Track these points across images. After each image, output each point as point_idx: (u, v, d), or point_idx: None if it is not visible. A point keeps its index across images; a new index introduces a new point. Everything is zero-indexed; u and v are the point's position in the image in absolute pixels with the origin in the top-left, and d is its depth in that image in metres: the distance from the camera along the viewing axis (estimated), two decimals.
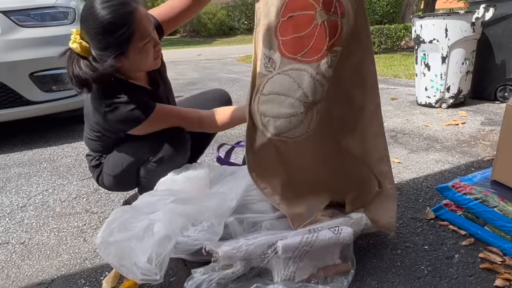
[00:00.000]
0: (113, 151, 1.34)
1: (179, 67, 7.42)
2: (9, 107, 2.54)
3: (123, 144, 1.31)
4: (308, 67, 1.07)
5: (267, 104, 1.10)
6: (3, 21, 2.45)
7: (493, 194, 1.20)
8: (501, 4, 2.88)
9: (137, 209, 1.07)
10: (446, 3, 20.13)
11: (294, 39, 1.07)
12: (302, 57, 1.08)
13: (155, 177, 1.26)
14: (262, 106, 1.10)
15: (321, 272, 1.03)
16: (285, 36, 1.08)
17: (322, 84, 1.09)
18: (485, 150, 2.04)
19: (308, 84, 1.08)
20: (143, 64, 1.22)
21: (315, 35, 1.07)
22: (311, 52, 1.08)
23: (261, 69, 1.10)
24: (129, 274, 0.96)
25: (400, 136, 2.36)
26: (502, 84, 3.02)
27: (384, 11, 8.78)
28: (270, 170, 1.16)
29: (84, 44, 1.15)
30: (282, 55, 1.08)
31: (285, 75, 1.08)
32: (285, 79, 1.08)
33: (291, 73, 1.08)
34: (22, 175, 2.10)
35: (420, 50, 3.02)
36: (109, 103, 1.17)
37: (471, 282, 1.04)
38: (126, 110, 1.18)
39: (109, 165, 1.34)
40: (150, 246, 0.96)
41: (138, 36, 1.12)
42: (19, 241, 1.41)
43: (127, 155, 1.30)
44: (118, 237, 0.98)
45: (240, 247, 0.99)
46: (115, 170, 1.32)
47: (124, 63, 1.17)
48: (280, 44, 1.08)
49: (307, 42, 1.07)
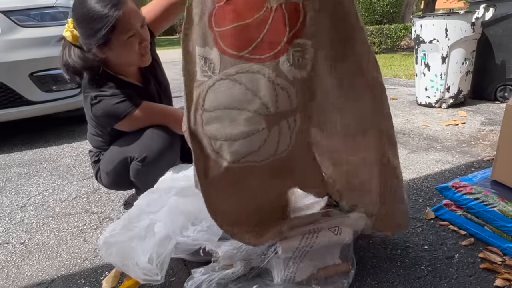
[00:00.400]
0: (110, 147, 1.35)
1: (178, 67, 7.40)
2: (9, 107, 2.54)
3: (117, 141, 1.32)
4: (262, 67, 0.81)
5: (214, 123, 0.83)
6: (3, 21, 2.45)
7: (493, 194, 1.20)
8: (501, 4, 2.87)
9: (140, 208, 1.06)
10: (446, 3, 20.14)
11: (236, 29, 0.80)
12: (250, 54, 0.81)
13: (144, 178, 1.25)
14: (208, 127, 0.83)
15: (321, 272, 1.03)
16: (223, 26, 0.80)
17: (286, 89, 0.83)
18: (485, 150, 2.04)
19: (266, 90, 0.82)
20: (128, 58, 1.22)
21: (267, 23, 0.79)
22: (263, 46, 0.81)
23: (198, 74, 0.83)
24: (132, 273, 0.97)
25: (400, 136, 2.36)
26: (502, 84, 3.02)
27: (384, 11, 8.78)
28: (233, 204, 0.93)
29: (75, 33, 1.18)
30: (221, 53, 0.81)
31: (232, 81, 0.81)
32: (233, 87, 0.81)
33: (240, 77, 0.81)
34: (22, 175, 2.10)
35: (420, 50, 3.02)
36: (95, 95, 1.20)
37: (471, 282, 1.04)
38: (111, 104, 1.20)
39: (104, 162, 1.36)
40: (151, 246, 0.96)
41: (121, 29, 1.14)
42: (19, 241, 1.41)
43: (117, 152, 1.30)
44: (120, 238, 0.99)
45: (240, 247, 0.99)
46: (108, 167, 1.33)
47: (108, 55, 1.19)
48: (216, 37, 0.81)
49: (256, 34, 0.80)
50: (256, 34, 0.80)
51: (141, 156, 1.23)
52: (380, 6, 8.70)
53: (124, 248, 0.97)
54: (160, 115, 1.28)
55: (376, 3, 8.68)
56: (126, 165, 1.29)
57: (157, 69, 1.42)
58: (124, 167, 1.29)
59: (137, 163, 1.25)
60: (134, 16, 1.16)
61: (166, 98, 1.47)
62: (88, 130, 1.41)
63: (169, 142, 1.26)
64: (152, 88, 1.39)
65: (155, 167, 1.24)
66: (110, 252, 0.98)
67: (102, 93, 1.21)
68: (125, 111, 1.21)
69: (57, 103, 2.68)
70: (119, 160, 1.29)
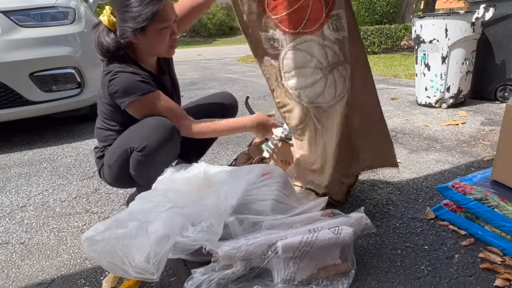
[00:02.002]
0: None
1: (179, 67, 7.42)
2: (9, 107, 2.54)
3: (121, 134, 1.34)
4: (313, 37, 1.20)
5: (292, 79, 1.26)
6: (3, 21, 2.45)
7: (493, 194, 1.20)
8: (501, 4, 2.88)
9: (131, 215, 1.05)
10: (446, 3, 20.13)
11: (289, 15, 1.17)
12: (303, 29, 1.19)
13: (144, 171, 1.27)
14: (289, 81, 1.26)
15: (321, 272, 1.03)
16: (279, 13, 1.18)
17: (332, 48, 1.21)
18: (485, 150, 2.04)
19: (318, 51, 1.21)
20: (158, 47, 1.32)
21: (309, 6, 1.17)
22: (310, 22, 1.18)
23: (269, 50, 1.23)
24: (119, 272, 0.96)
25: (400, 136, 2.36)
26: (502, 84, 3.02)
27: (384, 11, 8.77)
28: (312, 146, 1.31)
29: (112, 18, 1.29)
30: (284, 33, 1.19)
31: (296, 50, 1.21)
32: (298, 54, 1.21)
33: (300, 46, 1.21)
34: (22, 175, 2.10)
35: (420, 50, 3.02)
36: (116, 71, 1.27)
37: (471, 282, 1.04)
38: (131, 79, 1.26)
39: (107, 155, 1.37)
40: (148, 245, 0.95)
41: (159, 18, 1.24)
42: (19, 241, 1.41)
43: (120, 144, 1.32)
44: (106, 235, 0.98)
45: (240, 247, 0.99)
46: (110, 159, 1.34)
47: (140, 42, 1.28)
48: (276, 22, 1.19)
49: (303, 14, 1.17)
50: (304, 15, 1.17)
51: (141, 145, 1.24)
52: (380, 6, 8.68)
53: (111, 246, 0.96)
54: (170, 108, 1.32)
55: (376, 3, 8.67)
56: (127, 157, 1.30)
57: (171, 64, 1.52)
58: (125, 160, 1.30)
59: (137, 153, 1.25)
60: (171, 9, 1.28)
61: (176, 93, 1.53)
62: (96, 125, 1.43)
63: (170, 133, 1.27)
64: (167, 80, 1.47)
65: (154, 159, 1.25)
66: (94, 249, 0.97)
67: (124, 69, 1.27)
68: (143, 90, 1.26)
69: (57, 103, 2.68)
70: (120, 152, 1.30)
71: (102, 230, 0.99)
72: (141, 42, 1.28)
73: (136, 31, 1.24)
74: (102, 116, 1.39)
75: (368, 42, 7.55)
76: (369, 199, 1.54)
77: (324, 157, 1.30)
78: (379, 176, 1.77)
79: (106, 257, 0.97)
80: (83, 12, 2.91)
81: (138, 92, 1.26)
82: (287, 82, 1.26)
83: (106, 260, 0.97)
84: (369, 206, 1.49)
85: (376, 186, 1.67)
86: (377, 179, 1.72)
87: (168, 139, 1.26)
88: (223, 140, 2.49)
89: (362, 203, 1.50)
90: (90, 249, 0.98)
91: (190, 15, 1.43)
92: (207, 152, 1.84)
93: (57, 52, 2.58)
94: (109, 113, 1.35)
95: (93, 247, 0.97)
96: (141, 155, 1.25)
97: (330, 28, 1.20)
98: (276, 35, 1.21)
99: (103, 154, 1.40)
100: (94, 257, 1.01)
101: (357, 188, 1.63)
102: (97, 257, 0.98)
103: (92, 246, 0.98)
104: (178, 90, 1.56)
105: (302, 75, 1.23)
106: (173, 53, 1.39)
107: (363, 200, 1.54)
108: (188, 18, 1.44)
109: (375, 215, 1.42)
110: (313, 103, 1.26)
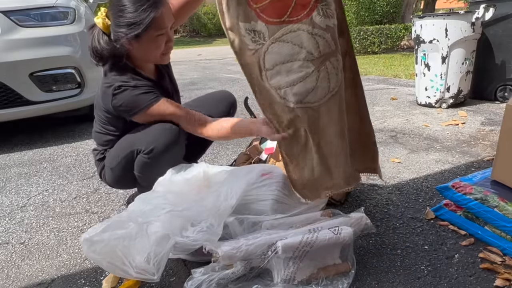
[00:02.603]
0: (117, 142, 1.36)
1: (179, 67, 7.42)
2: (9, 107, 2.54)
3: (124, 137, 1.33)
4: (300, 25, 1.04)
5: (276, 76, 1.08)
6: (3, 21, 2.45)
7: (493, 194, 1.20)
8: (501, 4, 2.87)
9: (130, 216, 1.05)
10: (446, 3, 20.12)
11: (272, 2, 1.02)
12: (289, 18, 1.04)
13: (149, 172, 1.26)
14: (272, 81, 1.08)
15: (321, 272, 1.03)
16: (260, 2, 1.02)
17: (323, 36, 1.06)
18: (485, 150, 2.04)
19: (308, 41, 1.05)
20: (152, 54, 1.28)
21: None
22: (297, 9, 1.04)
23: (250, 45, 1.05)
24: (119, 272, 0.96)
25: (400, 136, 2.36)
26: (502, 84, 3.02)
27: (384, 11, 8.75)
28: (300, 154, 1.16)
29: (107, 21, 1.25)
30: (266, 23, 1.04)
31: (281, 42, 1.05)
32: (283, 46, 1.05)
33: (286, 37, 1.04)
34: (22, 175, 2.10)
35: (420, 50, 3.02)
36: (119, 85, 1.24)
37: (471, 282, 1.04)
38: (134, 94, 1.24)
39: (109, 157, 1.37)
40: (148, 246, 0.95)
41: (155, 25, 1.20)
42: (19, 241, 1.41)
43: (124, 146, 1.32)
44: (105, 236, 0.98)
45: (240, 247, 0.99)
46: (112, 162, 1.34)
47: (134, 48, 1.25)
48: (258, 12, 1.03)
49: (289, 1, 1.03)
50: (289, 1, 1.02)
51: (148, 148, 1.24)
52: (380, 6, 8.67)
53: (111, 246, 0.96)
54: (175, 112, 1.31)
55: (376, 3, 8.65)
56: (132, 159, 1.30)
57: (169, 67, 1.50)
58: (129, 162, 1.30)
59: (143, 155, 1.26)
60: (168, 16, 1.23)
61: (176, 95, 1.52)
62: (94, 128, 1.42)
63: (176, 136, 1.28)
64: (167, 84, 1.45)
65: (160, 162, 1.25)
66: (93, 250, 0.98)
67: (125, 83, 1.25)
68: (148, 102, 1.25)
69: (57, 103, 2.68)
70: (125, 154, 1.30)
71: (100, 231, 0.99)
72: (135, 48, 1.25)
73: (129, 37, 1.20)
74: (100, 121, 1.38)
75: (368, 42, 7.54)
76: (369, 199, 1.54)
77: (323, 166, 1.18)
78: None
79: (106, 257, 0.97)
80: (83, 12, 2.91)
81: (143, 105, 1.25)
82: (270, 81, 1.08)
83: (106, 260, 0.97)
84: (369, 206, 1.49)
85: (376, 186, 1.67)
86: (377, 179, 1.72)
87: (174, 142, 1.27)
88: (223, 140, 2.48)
89: (362, 203, 1.51)
90: (89, 250, 0.98)
91: (180, 13, 1.36)
92: (207, 152, 1.84)
93: (57, 52, 2.58)
94: (108, 119, 1.34)
95: (92, 248, 0.98)
96: (148, 158, 1.25)
97: (320, 14, 1.05)
98: (258, 26, 1.04)
99: (103, 157, 1.40)
100: (93, 258, 1.00)
101: (357, 188, 1.63)
102: (97, 257, 0.98)
103: (91, 247, 0.98)
104: (177, 90, 1.55)
105: (288, 71, 1.06)
106: (167, 60, 1.35)
107: (363, 200, 1.54)
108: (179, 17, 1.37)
109: (375, 215, 1.42)
110: (302, 102, 1.09)
